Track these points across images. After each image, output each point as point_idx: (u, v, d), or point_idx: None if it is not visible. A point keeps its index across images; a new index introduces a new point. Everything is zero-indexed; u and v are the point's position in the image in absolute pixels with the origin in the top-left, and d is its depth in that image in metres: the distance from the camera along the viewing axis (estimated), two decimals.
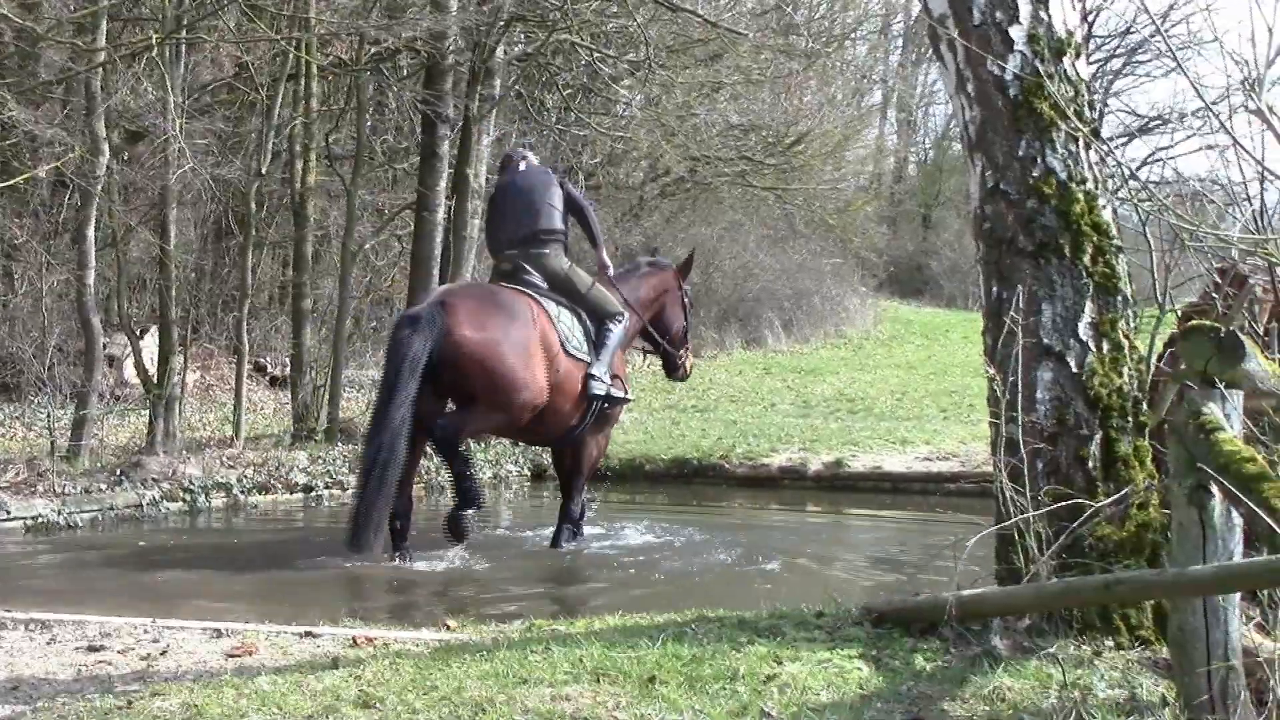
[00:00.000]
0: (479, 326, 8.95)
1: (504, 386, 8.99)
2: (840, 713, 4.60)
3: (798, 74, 25.52)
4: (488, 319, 9.05)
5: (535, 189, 10.04)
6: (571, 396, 9.64)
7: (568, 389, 9.57)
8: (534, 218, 9.93)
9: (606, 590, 8.38)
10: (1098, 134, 6.03)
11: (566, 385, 9.55)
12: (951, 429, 16.23)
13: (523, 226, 9.94)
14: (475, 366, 8.90)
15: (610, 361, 9.94)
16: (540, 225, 9.93)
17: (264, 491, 12.11)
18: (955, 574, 5.79)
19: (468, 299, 9.27)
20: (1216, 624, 4.62)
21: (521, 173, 10.24)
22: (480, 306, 9.16)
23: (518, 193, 10.07)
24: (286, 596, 8.04)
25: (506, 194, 10.15)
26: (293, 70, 15.27)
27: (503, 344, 9.00)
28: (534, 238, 9.91)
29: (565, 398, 9.58)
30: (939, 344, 29.63)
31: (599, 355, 9.83)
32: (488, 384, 8.95)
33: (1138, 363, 5.93)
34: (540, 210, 9.95)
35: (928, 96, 43.52)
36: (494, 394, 8.98)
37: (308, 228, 15.90)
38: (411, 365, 8.64)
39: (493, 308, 9.20)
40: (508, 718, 4.47)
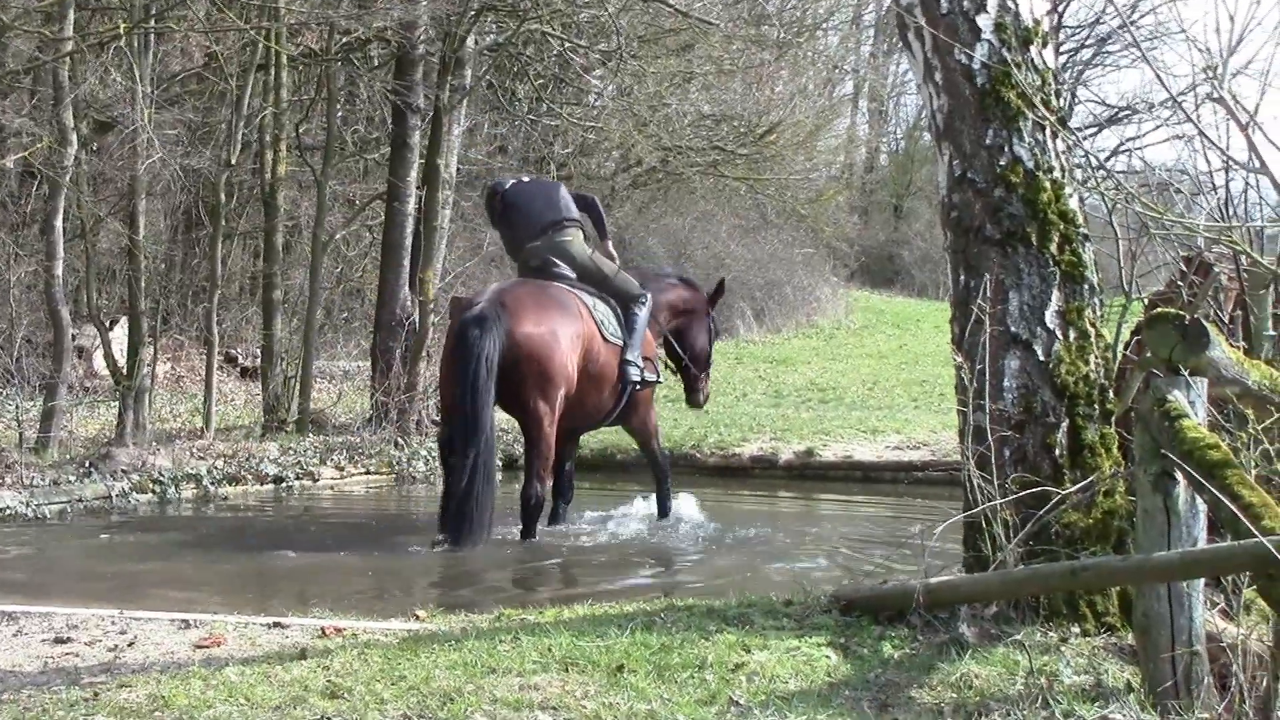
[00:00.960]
0: (537, 322, 9.25)
1: (550, 380, 9.26)
2: (808, 701, 4.61)
3: (769, 64, 25.51)
4: (548, 316, 9.36)
5: (543, 186, 10.59)
6: (610, 382, 9.99)
7: (607, 375, 9.93)
8: (551, 208, 10.27)
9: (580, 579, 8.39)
10: (1064, 123, 6.04)
11: (606, 372, 9.91)
12: (922, 418, 16.26)
13: (542, 218, 10.24)
14: (533, 362, 9.19)
15: (640, 344, 10.23)
16: (560, 214, 10.27)
17: (234, 483, 12.06)
18: (923, 562, 5.82)
19: (525, 296, 9.48)
20: (1181, 610, 4.65)
21: (524, 181, 10.69)
22: (536, 303, 9.42)
23: (527, 194, 10.42)
24: (255, 588, 8.04)
25: (515, 198, 10.41)
26: (262, 60, 15.21)
27: (558, 339, 9.32)
28: (555, 225, 10.22)
29: (605, 383, 9.95)
30: (910, 333, 29.67)
31: (630, 339, 10.12)
32: (538, 378, 9.22)
33: (1104, 351, 5.96)
34: (555, 201, 10.33)
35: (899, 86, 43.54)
36: (544, 386, 9.26)
37: (278, 218, 15.85)
38: (489, 366, 8.91)
39: (550, 304, 9.50)
40: (476, 707, 4.47)
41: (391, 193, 15.56)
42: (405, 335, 14.98)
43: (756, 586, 6.97)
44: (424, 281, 14.88)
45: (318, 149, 17.39)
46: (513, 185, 10.56)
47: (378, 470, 13.23)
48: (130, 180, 14.08)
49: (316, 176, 15.86)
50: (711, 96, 23.75)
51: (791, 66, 28.40)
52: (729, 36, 21.64)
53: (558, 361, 9.29)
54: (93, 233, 15.03)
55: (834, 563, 8.99)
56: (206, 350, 15.04)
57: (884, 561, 8.87)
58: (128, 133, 13.86)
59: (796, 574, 7.85)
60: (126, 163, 14.71)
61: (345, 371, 18.38)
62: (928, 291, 37.78)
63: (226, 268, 18.38)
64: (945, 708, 4.62)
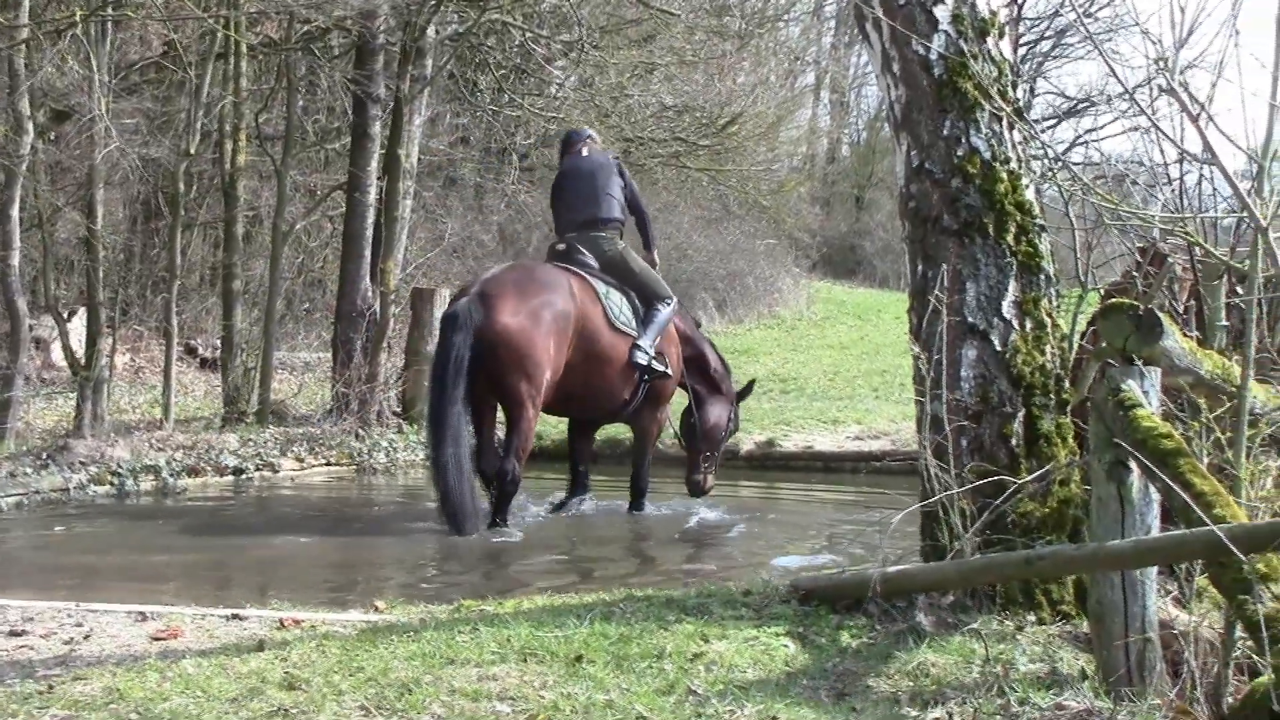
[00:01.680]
0: (515, 310, 9.31)
1: (526, 360, 9.32)
2: (766, 690, 4.63)
3: (731, 55, 25.53)
4: (526, 300, 9.41)
5: (596, 174, 10.52)
6: (619, 367, 10.10)
7: (615, 360, 10.04)
8: (594, 205, 10.43)
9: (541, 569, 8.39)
10: (1021, 114, 6.07)
11: (613, 356, 10.02)
12: (883, 408, 16.31)
13: (582, 212, 10.44)
14: (510, 350, 9.29)
15: (655, 337, 10.35)
16: (600, 214, 10.43)
17: (193, 474, 12.00)
18: (881, 551, 5.85)
19: (508, 283, 9.55)
20: (1134, 598, 4.69)
21: (584, 157, 10.72)
22: (518, 290, 9.48)
23: (578, 176, 10.57)
24: (214, 579, 8.00)
25: (568, 178, 10.66)
26: (221, 49, 15.14)
27: (538, 323, 9.38)
28: (592, 223, 10.41)
29: (613, 368, 10.07)
30: (871, 324, 29.75)
31: (646, 330, 10.25)
32: (519, 367, 9.33)
33: (1060, 341, 5.99)
34: (599, 199, 10.44)
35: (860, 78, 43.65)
36: (521, 372, 9.35)
37: (238, 208, 15.76)
38: (457, 366, 9.07)
39: (532, 287, 9.56)
40: (434, 698, 4.46)
41: (352, 183, 15.51)
42: (366, 326, 14.94)
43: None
44: (385, 272, 14.84)
45: (278, 139, 17.32)
46: (574, 161, 10.76)
47: (338, 462, 13.19)
48: (88, 169, 13.99)
49: (276, 166, 15.78)
50: (673, 88, 23.73)
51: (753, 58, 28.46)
52: (690, 27, 21.67)
53: (536, 347, 9.35)
54: (50, 222, 14.94)
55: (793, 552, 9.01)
56: (166, 341, 14.97)
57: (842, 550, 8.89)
58: (85, 121, 13.77)
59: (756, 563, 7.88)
60: (84, 152, 14.61)
61: (306, 362, 18.34)
62: (889, 282, 37.90)
63: (186, 258, 18.32)
64: (902, 696, 4.64)
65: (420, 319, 15.12)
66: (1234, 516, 4.27)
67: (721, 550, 9.28)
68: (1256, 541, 4.01)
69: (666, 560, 8.96)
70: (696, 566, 8.48)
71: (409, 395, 14.96)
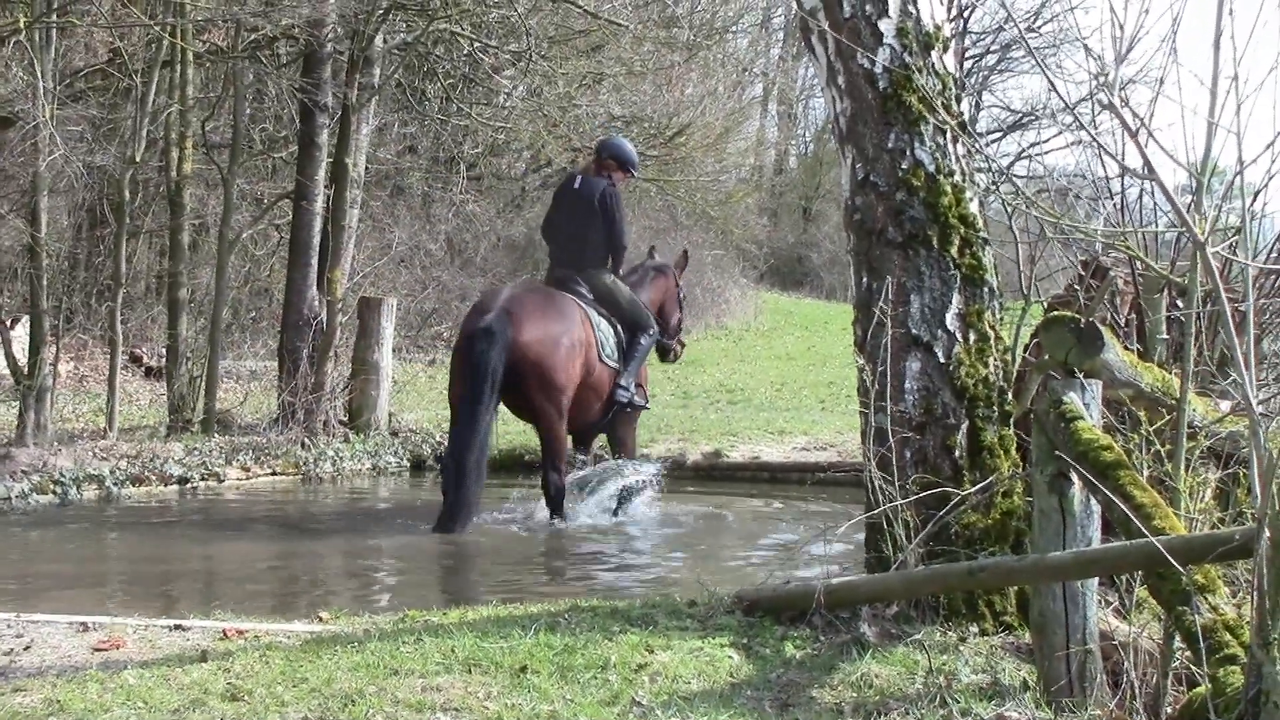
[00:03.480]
0: (541, 331, 9.95)
1: (552, 384, 9.99)
2: (710, 701, 4.64)
3: (679, 66, 25.57)
4: (549, 324, 10.06)
5: (581, 220, 11.06)
6: (601, 396, 10.76)
7: (599, 390, 10.69)
8: (581, 253, 11.06)
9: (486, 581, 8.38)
10: (965, 127, 6.12)
11: (598, 386, 10.65)
12: (829, 419, 16.36)
13: (573, 256, 11.08)
14: (536, 367, 9.89)
15: (636, 372, 11.06)
16: (588, 260, 11.05)
17: (138, 483, 11.89)
18: (825, 562, 5.88)
19: (530, 304, 10.16)
20: (1075, 609, 4.73)
21: (575, 190, 11.21)
22: (542, 312, 10.12)
23: (568, 215, 11.17)
24: (157, 590, 7.95)
25: (560, 213, 11.32)
26: (168, 57, 15.04)
27: (559, 344, 10.05)
28: (583, 266, 11.02)
29: (596, 396, 10.71)
30: (819, 335, 29.85)
31: (627, 366, 10.95)
32: (540, 382, 9.96)
33: (1003, 353, 6.04)
34: (585, 246, 11.05)
35: (808, 90, 43.79)
36: (548, 388, 9.99)
37: (184, 216, 15.65)
38: (493, 381, 9.68)
39: (553, 312, 10.22)
40: (378, 709, 4.45)
41: (299, 191, 15.43)
42: (313, 335, 14.86)
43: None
44: (332, 281, 14.78)
45: (224, 147, 17.24)
46: (564, 194, 11.37)
47: (284, 471, 13.12)
48: (32, 177, 13.87)
49: (223, 174, 15.69)
50: (621, 98, 23.77)
51: (701, 69, 28.49)
52: (639, 38, 21.69)
53: (560, 364, 10.00)
54: None
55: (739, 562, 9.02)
56: (110, 349, 14.84)
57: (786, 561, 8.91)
58: (29, 129, 13.66)
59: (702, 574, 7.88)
60: (28, 159, 14.50)
61: (252, 371, 18.21)
62: (836, 294, 38.02)
63: (131, 266, 18.19)
64: (845, 707, 4.67)
65: (367, 328, 15.07)
66: (1173, 528, 4.32)
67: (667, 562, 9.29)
68: (1195, 553, 4.06)
69: (612, 570, 8.97)
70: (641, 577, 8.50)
71: (355, 405, 14.90)
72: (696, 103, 26.71)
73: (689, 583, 7.55)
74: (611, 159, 11.41)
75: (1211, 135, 4.33)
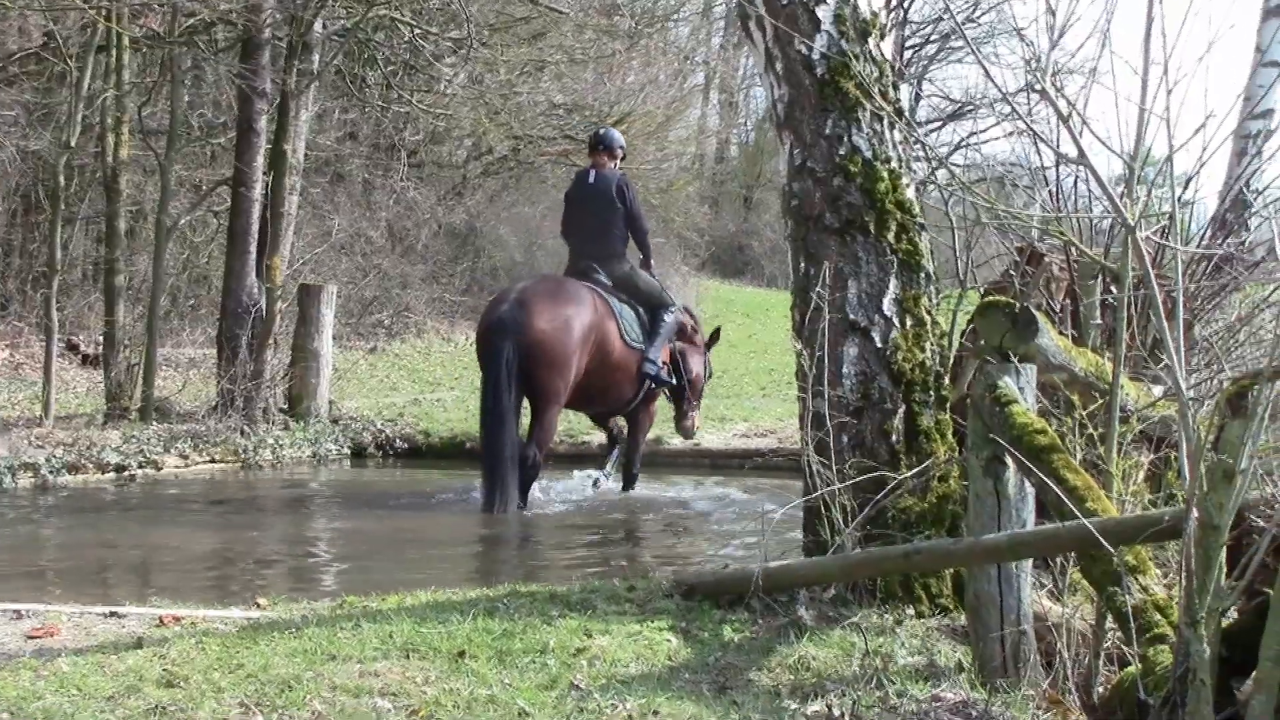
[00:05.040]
0: (553, 315, 10.35)
1: (561, 369, 10.35)
2: (648, 684, 4.65)
3: (620, 54, 25.55)
4: (560, 308, 10.45)
5: (603, 208, 11.53)
6: (630, 377, 11.27)
7: (625, 369, 11.17)
8: (601, 241, 11.53)
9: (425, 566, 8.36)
10: (902, 114, 6.15)
11: (625, 367, 11.15)
12: (770, 406, 16.43)
13: (593, 245, 11.52)
14: (544, 352, 10.26)
15: (662, 347, 11.58)
16: (609, 249, 11.54)
17: (74, 471, 11.79)
18: (764, 546, 5.90)
19: (543, 293, 10.60)
20: (1010, 591, 4.78)
21: (591, 184, 11.65)
22: (553, 300, 10.51)
23: (586, 209, 11.62)
24: (94, 577, 7.89)
25: (577, 208, 11.76)
26: (103, 41, 14.89)
27: (570, 332, 10.41)
28: (602, 257, 11.49)
29: (625, 377, 11.23)
30: (759, 323, 29.90)
31: (653, 342, 11.42)
32: (552, 368, 10.32)
33: (940, 338, 6.09)
34: (606, 235, 11.54)
35: (749, 79, 43.78)
36: (552, 373, 10.32)
37: (120, 203, 15.49)
38: (509, 369, 10.10)
39: (563, 297, 10.61)
40: (315, 694, 4.44)
41: (238, 178, 15.31)
42: (252, 322, 14.76)
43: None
44: (271, 268, 14.69)
45: (162, 133, 17.06)
46: (579, 188, 11.79)
47: (223, 459, 13.04)
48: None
49: (160, 161, 15.55)
50: (563, 86, 23.73)
51: (642, 57, 28.45)
52: (580, 26, 21.67)
53: (567, 353, 10.34)
54: None
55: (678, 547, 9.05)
56: (46, 337, 14.69)
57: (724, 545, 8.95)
58: None
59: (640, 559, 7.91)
60: None
61: (191, 359, 18.09)
62: (777, 282, 38.03)
63: (67, 253, 18.00)
64: (783, 689, 4.69)
65: (307, 315, 15.01)
66: (1105, 511, 4.37)
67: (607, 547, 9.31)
68: (1126, 535, 4.11)
69: (554, 555, 8.98)
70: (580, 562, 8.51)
71: (295, 392, 14.84)
72: (638, 91, 26.67)
73: (628, 568, 7.59)
74: (607, 149, 11.93)
75: (1144, 122, 4.39)
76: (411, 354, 22.60)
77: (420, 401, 17.05)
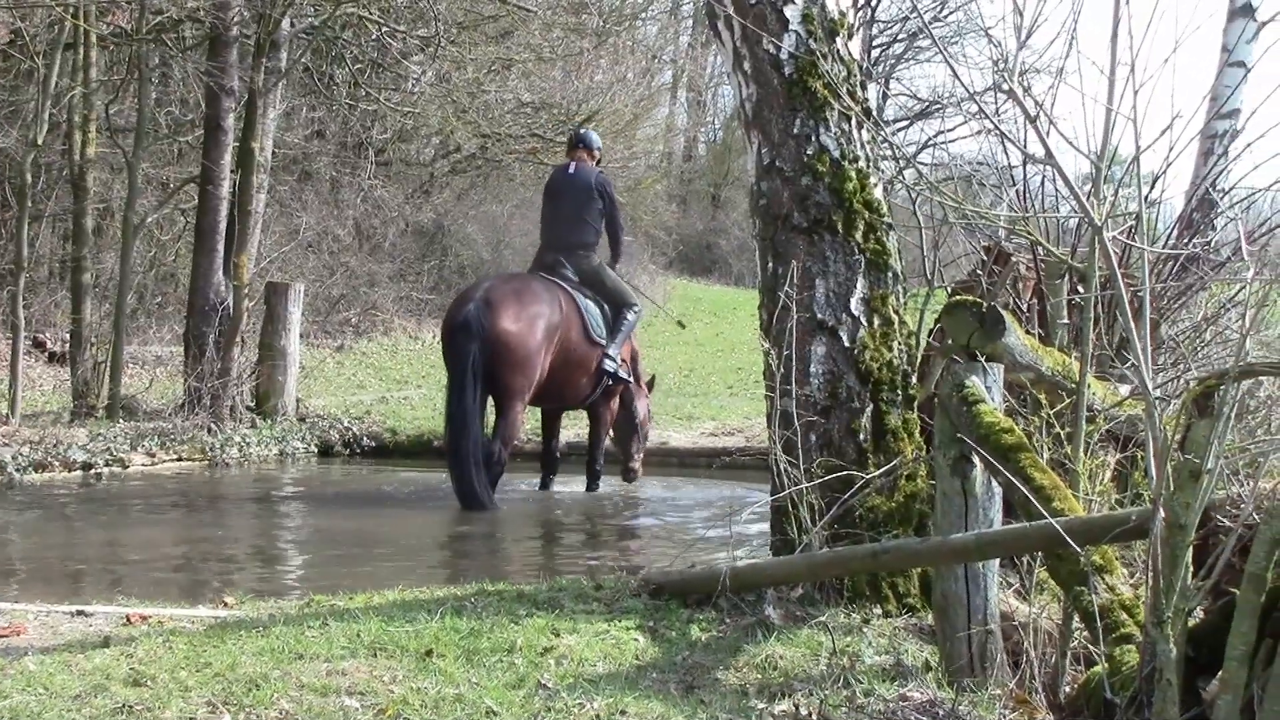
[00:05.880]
0: (516, 317, 10.42)
1: (525, 367, 10.45)
2: (616, 683, 4.65)
3: (589, 53, 25.56)
4: (525, 307, 10.55)
5: (579, 199, 11.68)
6: (589, 373, 11.36)
7: (586, 367, 11.28)
8: (574, 231, 11.65)
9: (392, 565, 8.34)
10: (869, 113, 6.16)
11: (585, 364, 11.25)
12: (737, 405, 16.45)
13: (564, 236, 11.66)
14: (509, 351, 10.34)
15: (622, 344, 11.65)
16: (577, 239, 11.66)
17: (40, 469, 11.73)
18: (731, 545, 5.91)
19: (509, 292, 10.67)
20: (977, 590, 4.79)
21: (570, 175, 11.83)
22: (518, 299, 10.60)
23: (562, 199, 11.76)
24: (60, 577, 7.84)
25: (554, 197, 11.85)
26: (70, 39, 14.82)
27: (534, 331, 10.51)
28: (574, 246, 11.62)
29: (583, 373, 11.31)
30: (727, 322, 29.94)
31: (614, 339, 11.51)
32: (516, 366, 10.40)
33: (907, 337, 6.10)
34: (578, 225, 11.67)
35: (717, 77, 43.80)
36: (516, 373, 10.41)
37: (87, 200, 15.43)
38: (474, 370, 10.16)
39: (528, 296, 10.71)
40: (282, 693, 4.42)
41: (205, 176, 15.25)
42: (219, 320, 14.72)
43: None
44: (238, 266, 14.65)
45: (129, 130, 16.98)
46: (563, 177, 11.90)
47: (190, 457, 13.00)
48: None
49: (127, 158, 15.47)
50: (531, 84, 23.72)
51: (610, 55, 28.46)
52: (548, 24, 21.69)
53: (531, 352, 10.44)
54: None
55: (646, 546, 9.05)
56: (12, 335, 14.62)
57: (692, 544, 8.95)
58: None
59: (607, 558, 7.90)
60: None
61: (158, 357, 18.01)
62: (745, 280, 38.06)
63: (34, 250, 17.89)
64: (750, 688, 4.69)
65: (274, 313, 14.98)
66: (1072, 510, 4.38)
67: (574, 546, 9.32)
68: (1093, 534, 4.12)
69: (522, 554, 8.98)
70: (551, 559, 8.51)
71: (262, 390, 14.81)
72: (606, 89, 26.66)
73: (597, 567, 7.59)
74: (586, 147, 12.07)
75: (1110, 122, 4.40)
76: (379, 352, 22.55)
77: (387, 399, 17.03)
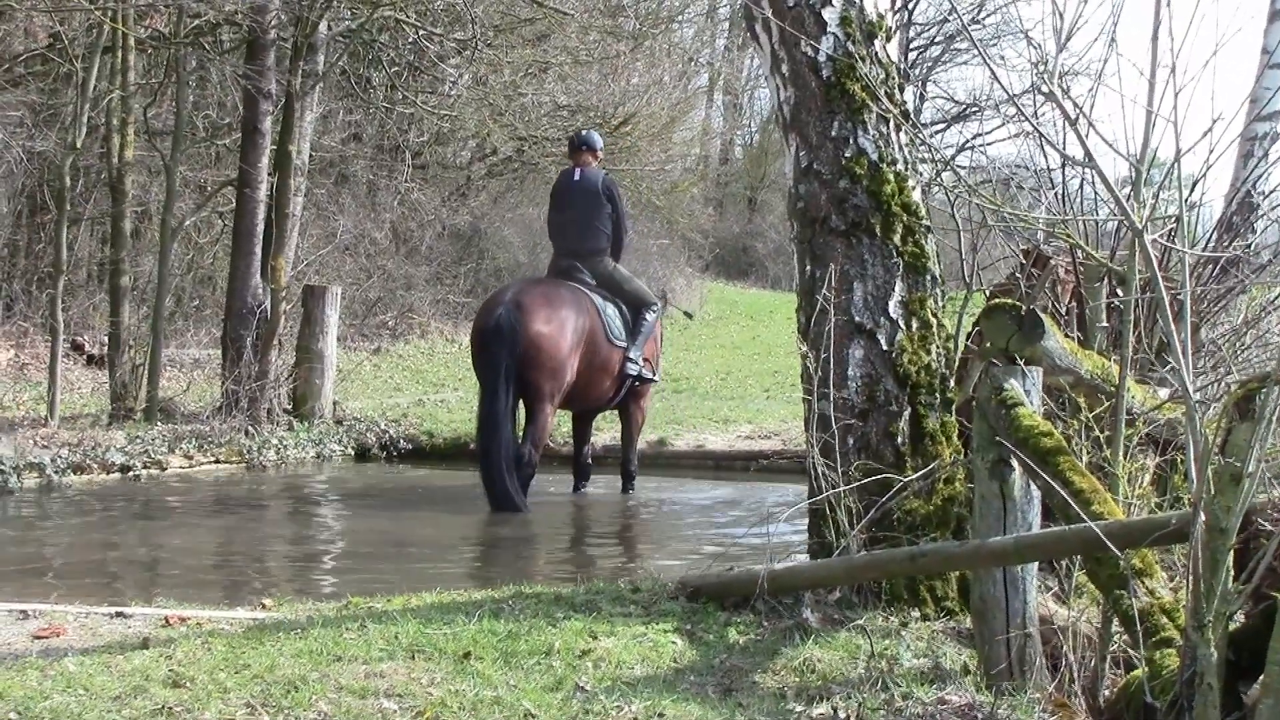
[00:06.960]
0: (548, 320, 10.53)
1: (556, 370, 10.53)
2: (654, 686, 4.65)
3: (625, 55, 25.58)
4: (555, 311, 10.65)
5: (588, 204, 11.66)
6: (611, 375, 11.36)
7: (609, 370, 11.29)
8: (585, 238, 11.64)
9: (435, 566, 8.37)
10: (908, 116, 6.15)
11: (608, 366, 11.26)
12: (774, 408, 16.40)
13: (578, 242, 11.64)
14: (541, 355, 10.42)
15: (643, 346, 11.65)
16: (588, 245, 11.64)
17: (79, 471, 11.78)
18: (768, 548, 5.90)
19: (539, 295, 10.76)
20: (1015, 593, 4.77)
21: (576, 181, 11.76)
22: (549, 304, 10.69)
23: (570, 205, 11.73)
24: (99, 578, 7.89)
25: (561, 204, 11.85)
26: (109, 42, 14.89)
27: (565, 335, 10.61)
28: (587, 253, 11.63)
29: (606, 376, 11.31)
30: (763, 325, 29.92)
31: (635, 341, 11.54)
32: (547, 369, 10.47)
33: (945, 340, 6.08)
34: (589, 231, 11.66)
35: (753, 80, 43.77)
36: (548, 376, 10.48)
37: (126, 203, 15.50)
38: (506, 374, 10.24)
39: (558, 300, 10.81)
40: (320, 695, 4.44)
41: (243, 179, 15.31)
42: (257, 323, 14.76)
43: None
44: (276, 269, 14.69)
45: (167, 134, 17.04)
46: (569, 183, 11.79)
47: (228, 459, 13.04)
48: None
49: (165, 162, 15.55)
50: (567, 87, 23.75)
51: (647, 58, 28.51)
52: (585, 27, 21.68)
53: (563, 355, 10.55)
54: None
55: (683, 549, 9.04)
56: (51, 337, 14.68)
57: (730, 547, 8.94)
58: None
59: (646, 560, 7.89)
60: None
61: (195, 359, 18.09)
62: (781, 283, 38.01)
63: (73, 253, 17.99)
64: (788, 691, 4.69)
65: (311, 316, 15.02)
66: (1111, 513, 4.37)
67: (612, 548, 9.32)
68: (1132, 538, 4.11)
69: (557, 557, 8.99)
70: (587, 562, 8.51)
71: (300, 393, 14.84)
72: (642, 92, 26.69)
73: (633, 569, 7.59)
74: (589, 149, 11.99)
75: (1150, 125, 4.38)
76: (415, 355, 22.60)
77: (424, 402, 17.05)
